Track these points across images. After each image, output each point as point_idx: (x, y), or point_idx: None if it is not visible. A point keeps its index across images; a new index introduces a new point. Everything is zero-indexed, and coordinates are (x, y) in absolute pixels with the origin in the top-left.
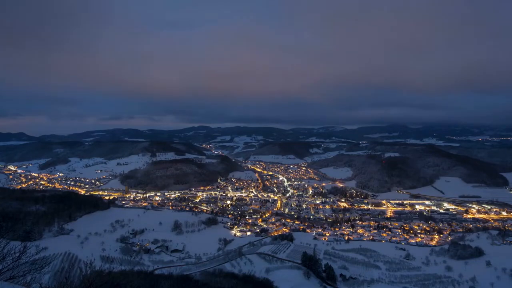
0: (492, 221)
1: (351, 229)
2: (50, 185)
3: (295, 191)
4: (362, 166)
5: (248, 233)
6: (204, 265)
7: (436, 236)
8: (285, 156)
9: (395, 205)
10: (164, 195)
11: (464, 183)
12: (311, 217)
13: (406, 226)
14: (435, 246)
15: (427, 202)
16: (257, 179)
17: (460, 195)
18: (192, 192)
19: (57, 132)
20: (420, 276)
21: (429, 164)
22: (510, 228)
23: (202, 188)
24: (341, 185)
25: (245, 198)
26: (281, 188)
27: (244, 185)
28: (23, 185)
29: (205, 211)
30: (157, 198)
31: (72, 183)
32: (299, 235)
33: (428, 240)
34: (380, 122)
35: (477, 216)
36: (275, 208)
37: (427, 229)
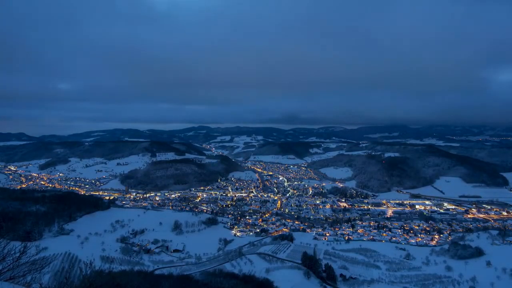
0: (492, 221)
1: (351, 229)
2: (50, 185)
3: (295, 191)
4: (362, 166)
5: (249, 233)
6: (204, 265)
7: (436, 236)
8: (285, 156)
9: (395, 205)
10: (164, 195)
11: (464, 183)
12: (311, 217)
13: (406, 226)
14: (435, 246)
15: (427, 202)
16: (257, 179)
17: (460, 195)
18: (192, 192)
19: (57, 132)
20: (420, 276)
21: (429, 164)
22: (510, 228)
23: (202, 188)
24: (341, 185)
25: (245, 198)
26: (281, 188)
27: (244, 185)
28: (23, 185)
29: (205, 211)
30: (157, 198)
31: (72, 183)
32: (299, 235)
33: (428, 240)
34: (380, 122)
35: (477, 216)
36: (275, 208)
37: (427, 229)
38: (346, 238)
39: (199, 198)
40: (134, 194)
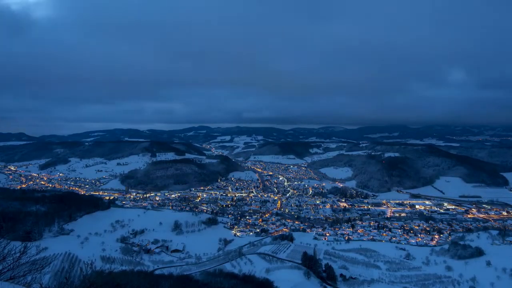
0: (492, 221)
1: (351, 229)
2: (50, 185)
3: (295, 191)
4: (362, 166)
5: (249, 233)
6: (204, 265)
7: (436, 236)
8: (285, 156)
9: (395, 205)
10: (164, 195)
11: (464, 183)
12: (311, 217)
13: (406, 226)
14: (435, 246)
15: (427, 202)
16: (257, 179)
17: (460, 195)
18: (192, 192)
19: (57, 132)
20: (420, 276)
21: (429, 164)
22: (510, 228)
23: (202, 188)
24: (341, 185)
25: (245, 198)
26: (281, 188)
27: (244, 185)
28: (23, 185)
29: (205, 211)
30: (157, 198)
31: (72, 183)
32: (299, 235)
33: (428, 240)
34: (380, 122)
35: (477, 216)
36: (275, 208)
37: (427, 229)
38: (346, 238)
39: (199, 198)
40: (134, 194)
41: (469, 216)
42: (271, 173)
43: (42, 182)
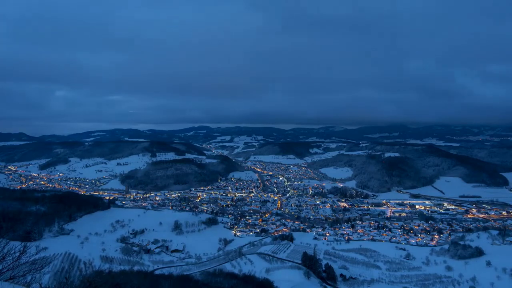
0: (492, 221)
1: (351, 229)
2: (50, 185)
3: (295, 191)
4: (362, 166)
5: (249, 233)
6: (204, 265)
7: (436, 236)
8: (285, 156)
9: (395, 205)
10: (164, 195)
11: (464, 183)
12: (311, 217)
13: (406, 226)
14: (435, 246)
15: (427, 202)
16: (257, 179)
17: (460, 195)
18: (192, 192)
19: (57, 132)
20: (420, 276)
21: (429, 164)
22: (510, 228)
23: (202, 188)
24: (341, 185)
25: (245, 198)
26: (281, 188)
27: (244, 185)
28: (23, 185)
29: (205, 211)
30: (157, 198)
31: (72, 183)
32: (299, 235)
33: (428, 240)
34: (380, 122)
35: (477, 216)
36: (275, 208)
37: (427, 229)
38: (346, 238)
39: (199, 198)
40: (134, 194)
41: (469, 216)
42: (271, 173)
43: (42, 182)
